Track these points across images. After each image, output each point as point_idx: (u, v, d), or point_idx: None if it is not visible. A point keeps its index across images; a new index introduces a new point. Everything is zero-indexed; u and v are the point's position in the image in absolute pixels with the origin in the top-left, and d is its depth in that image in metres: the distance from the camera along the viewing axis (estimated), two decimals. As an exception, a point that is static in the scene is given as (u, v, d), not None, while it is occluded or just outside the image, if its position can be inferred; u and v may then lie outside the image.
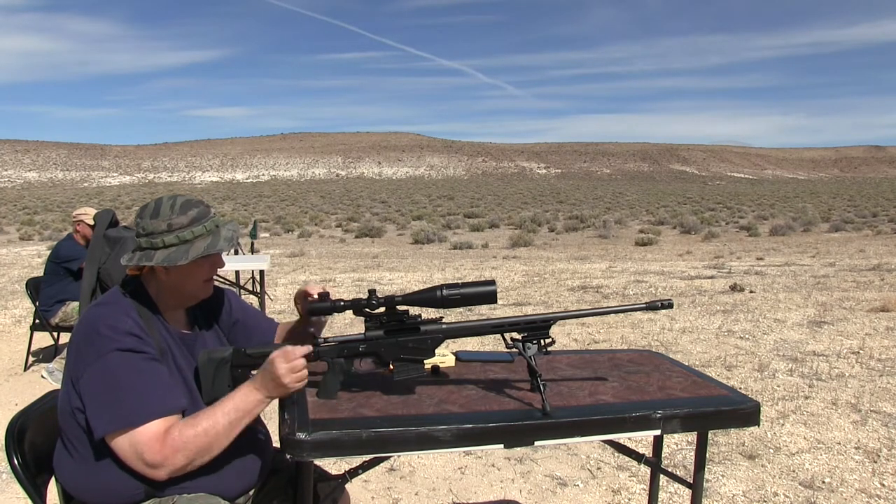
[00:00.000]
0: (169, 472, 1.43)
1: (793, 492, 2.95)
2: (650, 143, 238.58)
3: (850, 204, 45.35)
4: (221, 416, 1.47)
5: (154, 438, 1.41)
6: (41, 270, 5.21)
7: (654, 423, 1.60)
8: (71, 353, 1.50)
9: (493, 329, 1.68)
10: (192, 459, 1.43)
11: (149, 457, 1.40)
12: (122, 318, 1.49)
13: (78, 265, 4.70)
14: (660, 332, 5.99)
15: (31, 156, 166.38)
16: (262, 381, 1.51)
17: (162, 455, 1.41)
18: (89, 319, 1.50)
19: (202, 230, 1.58)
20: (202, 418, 1.46)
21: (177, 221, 1.55)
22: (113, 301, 1.55)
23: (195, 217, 1.58)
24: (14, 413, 1.67)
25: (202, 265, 1.61)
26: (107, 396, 1.42)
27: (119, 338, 1.45)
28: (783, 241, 20.71)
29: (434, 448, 1.53)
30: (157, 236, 1.55)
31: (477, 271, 11.76)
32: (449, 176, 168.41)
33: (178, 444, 1.42)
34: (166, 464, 1.41)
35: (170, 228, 1.55)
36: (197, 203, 1.61)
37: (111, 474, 1.48)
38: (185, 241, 1.55)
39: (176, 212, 1.56)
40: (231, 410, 1.48)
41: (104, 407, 1.42)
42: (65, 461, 1.54)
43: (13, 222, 32.36)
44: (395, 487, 3.07)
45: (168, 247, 1.55)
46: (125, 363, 1.44)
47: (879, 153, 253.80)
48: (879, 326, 6.05)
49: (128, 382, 1.43)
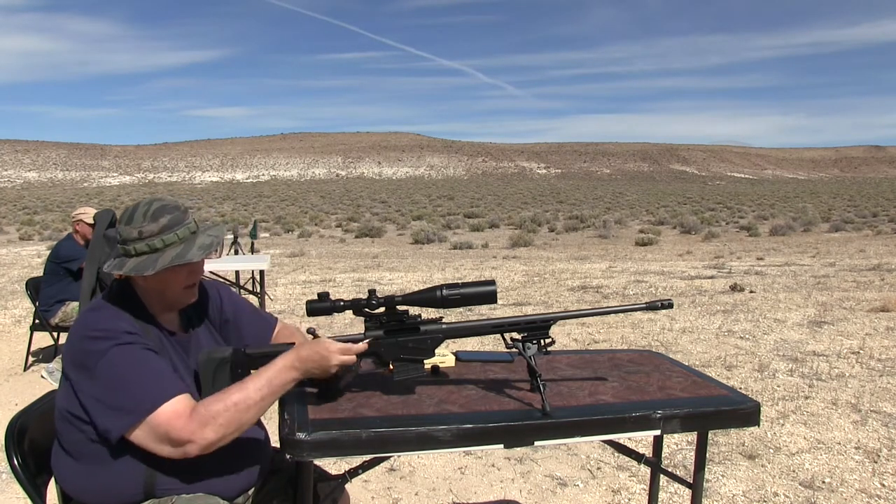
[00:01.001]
0: (199, 447, 1.40)
1: (793, 492, 2.95)
2: (650, 143, 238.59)
3: (850, 204, 45.35)
4: (254, 390, 1.45)
5: (175, 416, 1.39)
6: (41, 270, 5.20)
7: (654, 423, 1.60)
8: (67, 361, 1.49)
9: (493, 329, 1.68)
10: (222, 434, 1.41)
11: (175, 434, 1.38)
12: (115, 321, 1.49)
13: (78, 265, 4.70)
14: (660, 332, 5.99)
15: (31, 156, 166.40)
16: (302, 360, 1.50)
17: (188, 431, 1.38)
18: (82, 325, 1.48)
19: (173, 238, 1.53)
20: (232, 392, 1.44)
21: (147, 229, 1.52)
22: (102, 306, 1.54)
23: (166, 225, 1.53)
24: (14, 413, 1.67)
25: (178, 272, 1.56)
26: (115, 395, 1.41)
27: (116, 336, 1.45)
28: (783, 241, 20.70)
29: (434, 448, 1.52)
30: (130, 244, 1.52)
31: (477, 271, 11.76)
32: (449, 176, 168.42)
33: (206, 418, 1.40)
34: (195, 439, 1.39)
35: (140, 236, 1.52)
36: (172, 209, 1.56)
37: (109, 475, 1.47)
38: (155, 249, 1.52)
39: (148, 219, 1.52)
40: (264, 385, 1.46)
41: (115, 406, 1.41)
42: (62, 463, 1.53)
43: (13, 222, 32.35)
44: (395, 487, 3.07)
45: (140, 255, 1.52)
46: (126, 356, 1.43)
47: (879, 153, 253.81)
48: (879, 326, 6.05)
49: (133, 374, 1.42)
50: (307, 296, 8.52)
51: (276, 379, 1.48)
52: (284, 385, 1.49)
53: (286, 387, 1.50)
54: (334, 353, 1.52)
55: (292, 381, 1.50)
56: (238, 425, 1.43)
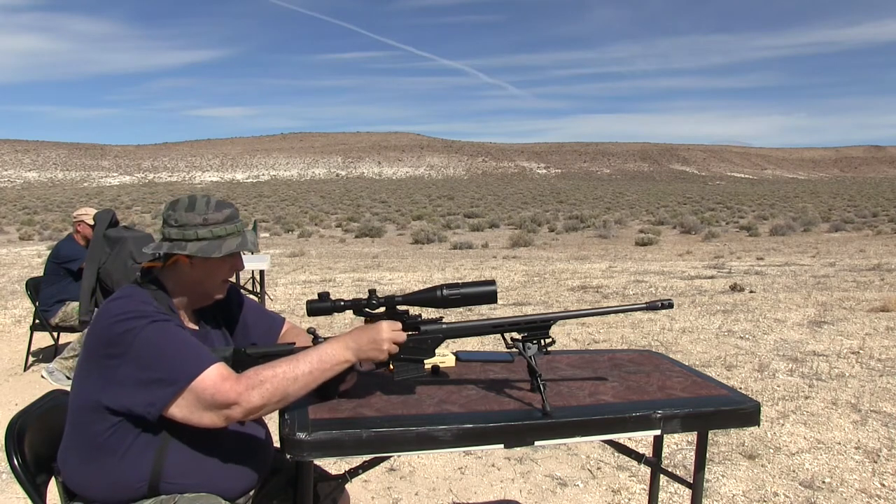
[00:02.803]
0: (243, 411, 1.42)
1: (793, 492, 2.95)
2: (650, 143, 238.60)
3: (850, 204, 45.34)
4: (304, 363, 1.47)
5: (221, 379, 1.41)
6: (41, 270, 5.21)
7: (654, 423, 1.60)
8: (93, 350, 1.48)
9: (493, 329, 1.68)
10: (266, 401, 1.42)
11: (221, 397, 1.40)
12: (145, 305, 1.51)
13: (78, 265, 4.70)
14: (660, 332, 5.99)
15: (31, 156, 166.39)
16: (356, 341, 1.52)
17: (236, 392, 1.40)
18: (109, 312, 1.48)
19: (234, 229, 1.63)
20: (282, 362, 1.47)
21: (212, 217, 1.60)
22: (130, 294, 1.56)
23: (229, 216, 1.63)
24: (14, 413, 1.67)
25: (226, 263, 1.65)
26: (155, 368, 1.42)
27: (149, 314, 1.47)
28: (783, 240, 20.71)
29: (434, 448, 1.53)
30: (192, 228, 1.59)
31: (477, 271, 11.76)
32: (449, 176, 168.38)
33: (255, 382, 1.42)
34: (241, 401, 1.41)
35: (205, 223, 1.59)
36: (229, 204, 1.67)
37: (118, 469, 1.48)
38: (218, 236, 1.60)
39: (212, 208, 1.62)
40: (315, 360, 1.48)
41: (155, 380, 1.42)
42: (71, 458, 1.54)
43: (13, 222, 32.35)
44: (395, 487, 3.07)
45: (201, 240, 1.59)
46: (163, 331, 1.46)
47: (879, 153, 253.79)
48: (879, 326, 6.05)
49: (172, 346, 1.44)
50: (307, 296, 8.53)
51: (328, 356, 1.50)
52: (335, 364, 1.50)
53: (337, 367, 1.51)
54: (386, 339, 1.55)
55: (345, 360, 1.52)
56: (283, 395, 1.44)
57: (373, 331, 1.54)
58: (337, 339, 1.54)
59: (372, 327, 1.55)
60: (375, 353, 1.54)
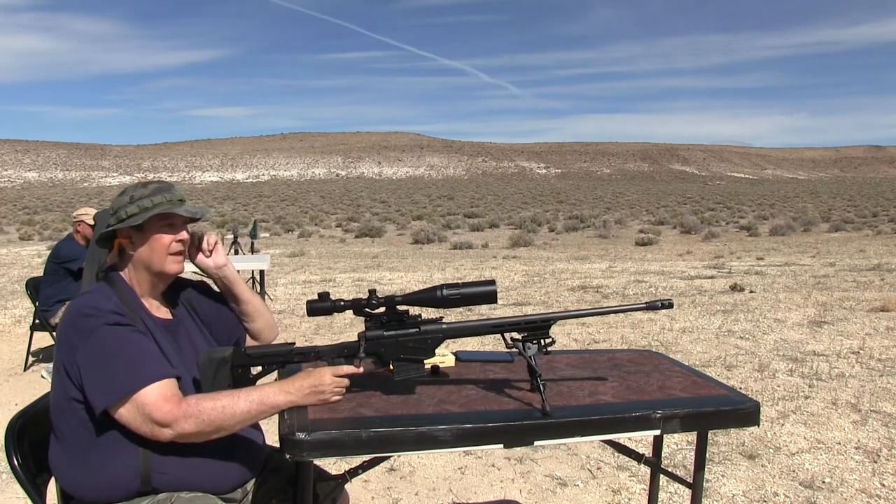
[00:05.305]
0: (175, 433, 1.43)
1: (793, 492, 2.95)
2: (650, 143, 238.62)
3: (850, 204, 45.35)
4: (244, 401, 1.48)
5: (160, 398, 1.43)
6: (41, 270, 5.20)
7: (654, 423, 1.60)
8: (60, 344, 1.52)
9: (493, 329, 1.68)
10: (200, 430, 1.44)
11: (157, 416, 1.42)
12: (104, 301, 1.53)
13: (78, 265, 4.69)
14: (660, 332, 5.99)
15: (31, 156, 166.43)
16: (296, 387, 1.53)
17: (172, 416, 1.42)
18: (72, 308, 1.53)
19: (161, 199, 1.61)
20: (224, 395, 1.48)
21: (138, 193, 1.62)
22: (95, 289, 1.59)
23: (156, 189, 1.63)
24: (14, 413, 1.67)
25: (164, 236, 1.63)
26: (103, 370, 1.44)
27: (105, 315, 1.49)
28: (783, 240, 20.70)
29: (434, 448, 1.53)
30: (121, 209, 1.61)
31: (477, 271, 11.76)
32: (449, 176, 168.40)
33: (192, 411, 1.43)
34: (175, 426, 1.43)
35: (131, 200, 1.62)
36: (161, 182, 1.67)
37: (105, 465, 1.49)
38: (145, 208, 1.60)
39: (137, 187, 1.65)
40: (256, 400, 1.49)
41: (102, 380, 1.44)
42: (60, 458, 1.54)
43: (13, 222, 32.36)
44: (395, 487, 3.07)
45: (130, 216, 1.60)
46: (115, 335, 1.48)
47: (879, 153, 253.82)
48: (879, 326, 6.05)
49: (121, 352, 1.46)
50: (307, 296, 8.52)
51: (268, 398, 1.50)
52: (273, 406, 1.51)
53: (274, 409, 1.52)
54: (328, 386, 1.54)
55: (284, 403, 1.52)
56: (218, 427, 1.46)
57: (314, 378, 1.54)
58: (280, 383, 1.54)
59: (314, 373, 1.55)
60: (316, 398, 1.54)
